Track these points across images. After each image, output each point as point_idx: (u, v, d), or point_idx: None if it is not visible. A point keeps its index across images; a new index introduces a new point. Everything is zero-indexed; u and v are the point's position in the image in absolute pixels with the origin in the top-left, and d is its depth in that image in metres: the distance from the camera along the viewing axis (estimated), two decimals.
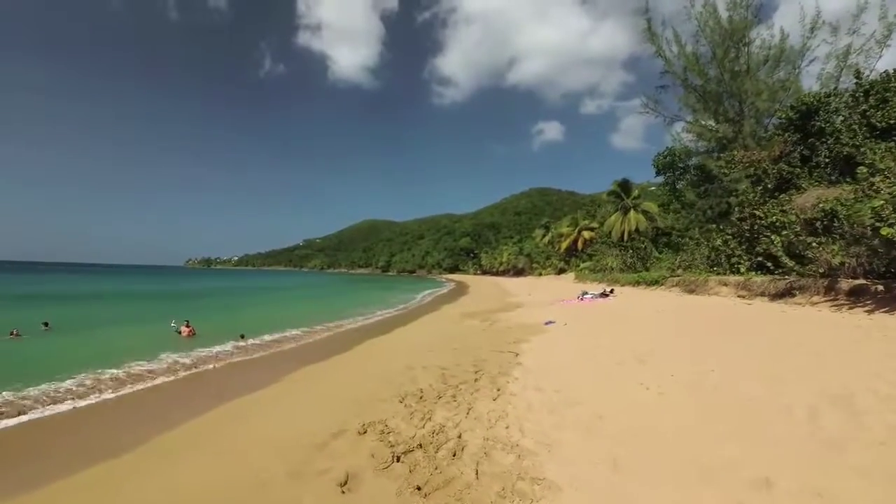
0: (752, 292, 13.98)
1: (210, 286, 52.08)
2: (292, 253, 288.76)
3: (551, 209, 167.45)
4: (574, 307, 16.99)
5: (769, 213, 17.33)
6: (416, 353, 9.84)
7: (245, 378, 8.74)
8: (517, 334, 11.16)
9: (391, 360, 9.17)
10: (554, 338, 10.30)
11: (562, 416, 4.79)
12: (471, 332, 12.69)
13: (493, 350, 9.17)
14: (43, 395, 7.25)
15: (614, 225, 39.34)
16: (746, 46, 25.35)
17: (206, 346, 11.93)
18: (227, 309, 25.54)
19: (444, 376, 7.08)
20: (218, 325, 16.84)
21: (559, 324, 12.47)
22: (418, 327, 16.20)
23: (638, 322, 11.72)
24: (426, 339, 12.23)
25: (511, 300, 24.60)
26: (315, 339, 13.84)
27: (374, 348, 11.71)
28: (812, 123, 17.43)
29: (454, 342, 10.89)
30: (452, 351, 9.53)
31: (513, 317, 15.95)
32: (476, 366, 7.69)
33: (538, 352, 8.69)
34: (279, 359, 10.79)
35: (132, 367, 9.25)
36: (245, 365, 10.11)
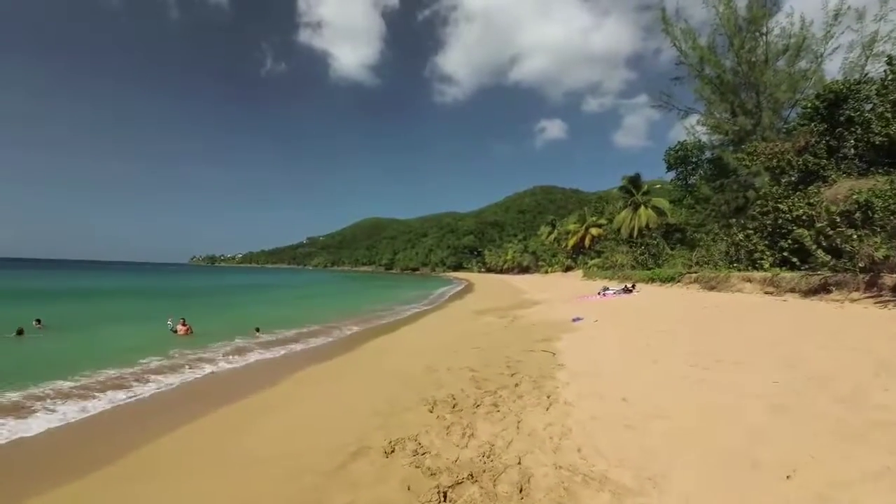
0: (781, 289, 13.24)
1: (214, 283, 51.66)
2: (295, 251, 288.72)
3: (555, 207, 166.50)
4: (597, 303, 16.29)
5: (794, 207, 16.58)
6: (434, 352, 9.09)
7: (244, 379, 8.11)
8: (545, 332, 10.36)
9: (407, 361, 8.45)
10: (589, 336, 9.46)
11: (647, 435, 3.79)
12: (492, 330, 11.96)
13: (524, 349, 8.32)
14: (15, 405, 6.24)
15: (624, 221, 38.55)
16: (765, 36, 24.53)
17: (205, 344, 11.31)
18: (227, 307, 24.99)
19: (476, 380, 6.31)
20: (218, 323, 16.23)
21: (588, 320, 11.66)
22: (430, 325, 15.49)
23: (683, 319, 10.58)
24: (442, 338, 11.51)
25: (525, 297, 23.91)
26: (319, 338, 13.18)
27: (385, 348, 11.00)
28: (840, 112, 16.63)
29: (476, 340, 10.15)
30: (477, 350, 8.76)
31: (533, 313, 15.21)
32: (510, 367, 6.89)
33: (578, 351, 7.85)
34: (282, 358, 10.22)
35: (119, 371, 8.27)
36: (247, 363, 9.50)
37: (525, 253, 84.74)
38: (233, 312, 21.09)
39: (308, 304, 27.38)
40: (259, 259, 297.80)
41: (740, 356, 6.09)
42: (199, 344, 11.29)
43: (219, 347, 10.90)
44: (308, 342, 12.23)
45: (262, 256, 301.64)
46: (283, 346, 11.43)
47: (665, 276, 22.02)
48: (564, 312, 14.02)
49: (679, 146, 36.47)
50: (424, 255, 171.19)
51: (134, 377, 7.95)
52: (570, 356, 7.41)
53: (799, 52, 23.30)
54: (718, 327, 8.95)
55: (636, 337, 8.69)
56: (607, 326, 10.52)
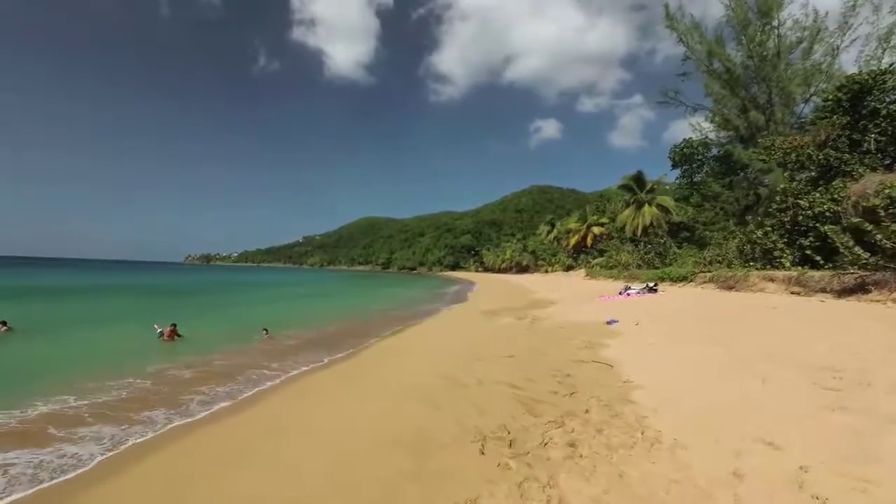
0: (810, 288, 12.51)
1: (206, 280, 50.60)
2: (291, 250, 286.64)
3: (553, 207, 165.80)
4: (623, 303, 15.38)
5: (815, 203, 15.89)
6: (456, 360, 7.99)
7: (218, 395, 6.65)
8: (581, 336, 9.30)
9: (427, 370, 7.35)
10: (642, 342, 8.26)
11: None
12: (515, 333, 10.98)
13: (569, 359, 7.18)
14: None
15: (627, 220, 37.88)
16: (776, 28, 23.88)
17: (190, 352, 9.79)
18: (218, 307, 24.03)
19: (524, 401, 5.13)
20: (213, 325, 15.33)
21: (625, 323, 10.54)
22: (441, 327, 14.38)
23: (741, 321, 9.19)
24: (461, 342, 10.49)
25: (535, 296, 22.97)
26: (313, 339, 12.30)
27: (397, 352, 9.87)
28: (864, 105, 15.96)
29: (501, 345, 9.10)
30: (510, 360, 7.60)
31: (553, 314, 14.23)
32: (563, 384, 5.72)
33: (640, 362, 6.61)
34: (261, 364, 8.79)
35: (55, 406, 6.00)
36: (222, 375, 7.74)
37: (524, 252, 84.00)
38: (230, 312, 20.15)
39: (310, 303, 26.51)
40: (255, 258, 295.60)
41: (865, 370, 4.79)
42: (184, 350, 10.06)
43: (203, 365, 8.64)
44: (309, 346, 11.11)
45: (257, 255, 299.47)
46: (279, 361, 8.97)
47: (676, 276, 21.29)
48: (590, 313, 13.05)
49: (684, 143, 35.88)
50: (422, 254, 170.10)
51: (68, 414, 5.73)
52: (633, 369, 6.21)
53: (813, 44, 22.68)
54: (795, 332, 7.47)
55: (701, 343, 7.42)
56: (654, 330, 9.33)
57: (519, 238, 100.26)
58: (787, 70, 23.70)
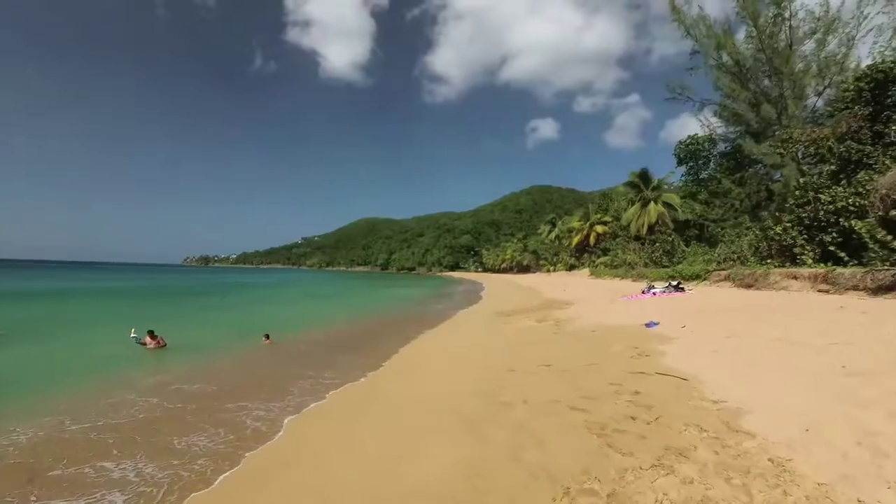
0: (840, 286, 11.85)
1: (206, 282, 49.87)
2: (290, 251, 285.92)
3: (552, 206, 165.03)
4: (651, 303, 14.50)
5: (838, 197, 15.25)
6: (486, 371, 7.02)
7: (197, 423, 5.36)
8: (621, 340, 8.31)
9: (457, 385, 6.35)
10: (704, 348, 6.99)
11: None
12: (541, 338, 10.08)
13: (623, 369, 6.11)
14: None
15: (633, 218, 37.22)
16: (788, 20, 23.24)
17: (175, 363, 8.77)
18: (216, 309, 23.37)
19: (593, 428, 4.06)
20: (211, 329, 14.63)
21: (667, 325, 9.46)
22: (459, 330, 13.39)
23: (810, 322, 7.75)
24: (485, 348, 9.56)
25: (547, 297, 22.18)
26: (319, 346, 11.60)
27: (417, 362, 8.83)
28: (888, 95, 15.31)
29: (535, 353, 8.10)
30: (550, 371, 6.60)
31: (576, 316, 13.35)
32: (634, 403, 4.61)
33: (720, 374, 5.38)
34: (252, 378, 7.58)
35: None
36: (200, 414, 5.77)
37: (525, 252, 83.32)
38: (226, 315, 19.43)
39: (312, 305, 25.82)
40: (254, 260, 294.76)
41: None
42: (170, 360, 9.17)
43: (181, 400, 6.36)
44: (315, 357, 10.01)
45: (256, 257, 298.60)
46: (281, 382, 7.25)
47: (689, 274, 20.63)
48: (620, 315, 12.14)
49: (689, 140, 35.26)
50: (421, 255, 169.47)
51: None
52: (716, 384, 4.98)
53: (827, 35, 22.03)
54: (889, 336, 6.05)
55: (779, 349, 6.12)
56: (709, 334, 8.10)
57: (520, 238, 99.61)
58: (801, 62, 23.06)
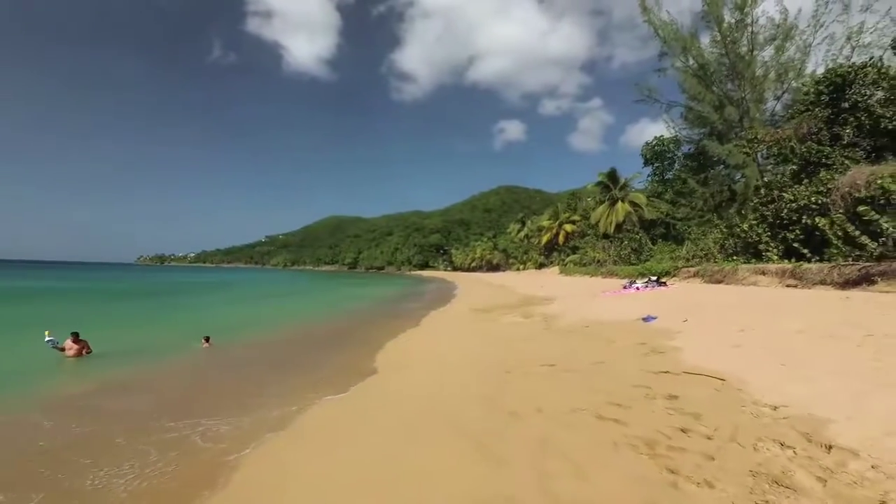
0: (807, 281, 12.12)
1: (157, 281, 46.85)
2: (253, 250, 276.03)
3: (520, 206, 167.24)
4: (637, 298, 14.14)
5: (799, 195, 15.74)
6: (479, 372, 6.28)
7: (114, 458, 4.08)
8: (624, 336, 7.67)
9: (449, 392, 5.57)
10: (722, 341, 6.34)
11: None
12: (533, 335, 9.35)
13: (642, 369, 5.40)
14: None
15: (601, 217, 37.84)
16: (750, 26, 24.07)
17: (95, 373, 7.45)
18: (161, 309, 21.76)
19: (638, 446, 3.33)
20: (154, 331, 13.25)
21: (665, 320, 8.95)
22: (439, 328, 12.56)
23: (836, 314, 7.19)
24: (473, 349, 8.64)
25: (524, 294, 21.73)
26: (276, 349, 10.73)
27: (400, 362, 7.85)
28: (846, 97, 15.94)
29: (531, 352, 7.47)
30: (554, 371, 5.88)
31: (563, 312, 12.75)
32: (677, 410, 3.89)
33: (759, 372, 4.68)
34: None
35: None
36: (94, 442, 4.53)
37: (495, 251, 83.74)
38: (170, 316, 17.86)
39: (272, 304, 24.51)
40: (214, 258, 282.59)
41: None
42: (94, 369, 7.92)
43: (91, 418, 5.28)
44: (269, 363, 8.79)
45: (216, 256, 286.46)
46: (221, 394, 6.14)
47: (658, 271, 20.91)
48: (610, 310, 11.69)
49: (656, 141, 36.16)
50: (390, 253, 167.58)
51: None
52: (771, 385, 4.19)
53: (785, 41, 22.95)
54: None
55: (822, 343, 5.47)
56: (719, 328, 7.41)
57: (489, 237, 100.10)
58: (761, 67, 23.94)
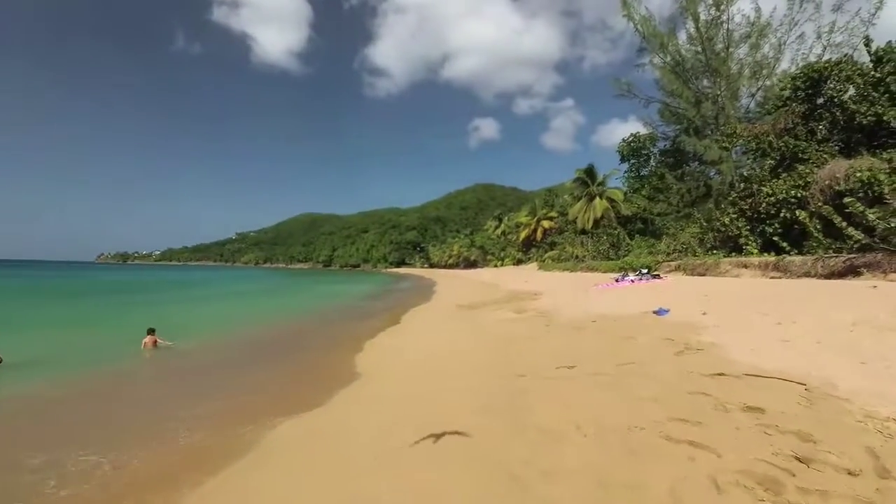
0: (792, 273, 12.12)
1: (113, 280, 44.19)
2: (223, 247, 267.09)
3: (496, 204, 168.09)
4: (635, 290, 13.41)
5: (777, 189, 15.88)
6: (484, 378, 5.19)
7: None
8: (642, 331, 6.83)
9: (448, 408, 4.26)
10: (767, 336, 5.48)
11: None
12: (535, 334, 8.23)
13: (688, 370, 4.39)
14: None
15: (579, 213, 38.00)
16: (726, 23, 24.38)
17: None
18: (109, 308, 20.34)
19: (769, 496, 2.24)
20: (76, 340, 11.29)
21: (680, 312, 8.09)
22: (425, 328, 11.55)
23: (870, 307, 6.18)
24: (469, 349, 7.66)
25: (510, 289, 20.93)
26: (238, 351, 9.86)
27: (376, 373, 6.58)
28: (822, 93, 16.16)
29: (539, 351, 6.59)
30: (577, 375, 4.78)
31: (559, 306, 11.65)
32: (775, 428, 2.94)
33: (841, 375, 3.75)
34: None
35: None
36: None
37: (472, 247, 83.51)
38: (122, 316, 16.44)
39: (236, 302, 23.25)
40: (181, 256, 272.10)
41: None
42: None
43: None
44: (222, 366, 8.22)
45: (184, 253, 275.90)
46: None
47: (638, 266, 20.89)
48: (610, 304, 10.74)
49: (632, 138, 36.48)
50: (365, 251, 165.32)
51: None
52: (880, 393, 3.29)
53: (760, 39, 23.33)
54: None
55: (884, 338, 4.62)
56: (752, 321, 6.46)
57: (466, 233, 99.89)
58: (736, 65, 24.28)
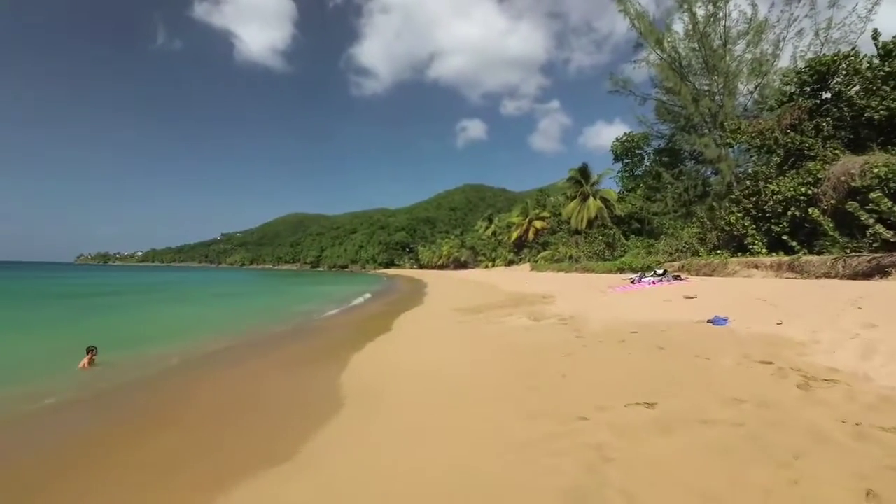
0: (810, 274, 11.47)
1: (86, 282, 42.18)
2: (208, 248, 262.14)
3: (485, 205, 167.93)
4: (661, 292, 11.89)
5: (784, 187, 15.32)
6: (519, 418, 3.73)
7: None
8: (709, 347, 5.37)
9: (470, 469, 2.92)
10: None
11: None
12: (567, 347, 6.38)
13: (835, 415, 3.16)
14: None
15: (573, 213, 37.37)
16: (723, 19, 23.95)
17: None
18: (95, 309, 18.93)
19: None
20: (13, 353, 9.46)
21: (742, 319, 6.73)
22: (422, 335, 9.71)
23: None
24: (487, 362, 6.12)
25: (511, 291, 19.47)
26: (196, 363, 8.74)
27: (368, 406, 4.61)
28: (830, 87, 15.67)
29: (583, 376, 4.82)
30: (664, 415, 3.44)
31: (578, 312, 9.74)
32: None
33: None
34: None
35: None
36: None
37: (462, 248, 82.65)
38: (87, 321, 14.84)
39: (213, 306, 21.95)
40: (164, 257, 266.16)
41: None
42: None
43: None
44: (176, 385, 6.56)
45: (167, 254, 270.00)
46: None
47: (638, 266, 20.24)
48: (639, 309, 9.25)
49: (626, 137, 36.00)
50: (354, 251, 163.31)
51: None
52: None
53: (758, 36, 22.93)
54: None
55: None
56: (851, 335, 5.14)
57: (457, 234, 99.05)
58: (734, 62, 23.86)
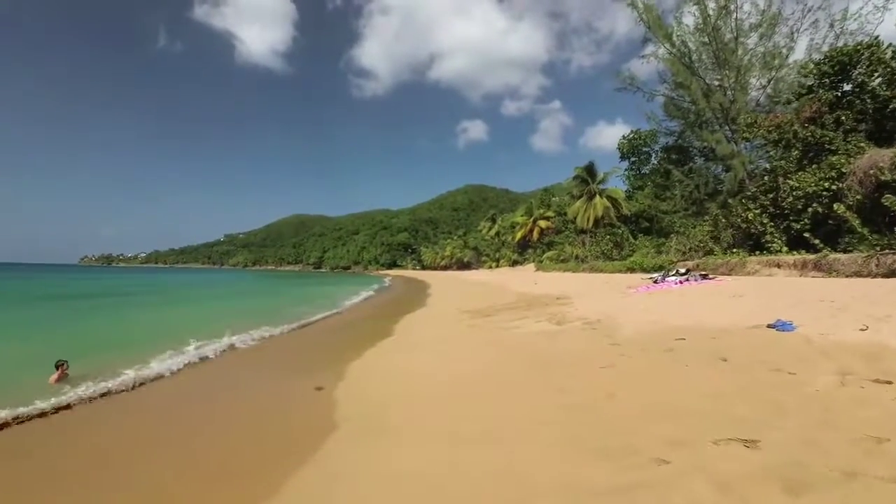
0: (839, 272, 10.85)
1: (87, 283, 41.65)
2: (211, 249, 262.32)
3: (487, 206, 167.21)
4: (692, 292, 10.95)
5: (805, 182, 14.71)
6: (577, 464, 2.77)
7: None
8: (799, 365, 4.27)
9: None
10: None
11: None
12: (603, 356, 5.55)
13: None
14: None
15: (579, 212, 36.75)
16: (734, 12, 23.33)
17: None
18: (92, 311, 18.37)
19: None
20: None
21: (809, 325, 5.72)
22: (423, 338, 9.02)
23: None
24: (514, 376, 5.23)
25: (521, 292, 18.40)
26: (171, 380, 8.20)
27: (367, 438, 3.68)
28: (852, 78, 15.06)
29: (639, 396, 3.98)
30: (769, 458, 2.56)
31: (605, 315, 8.72)
32: None
33: None
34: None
35: None
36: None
37: (466, 248, 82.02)
38: (84, 324, 14.23)
39: (208, 306, 21.30)
40: (167, 258, 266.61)
41: None
42: None
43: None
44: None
45: (170, 256, 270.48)
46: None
47: (651, 266, 19.62)
48: (669, 312, 8.26)
49: (633, 134, 35.39)
50: (356, 252, 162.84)
51: None
52: None
53: (772, 28, 22.30)
54: None
55: None
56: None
57: (460, 235, 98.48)
58: (746, 55, 23.25)
